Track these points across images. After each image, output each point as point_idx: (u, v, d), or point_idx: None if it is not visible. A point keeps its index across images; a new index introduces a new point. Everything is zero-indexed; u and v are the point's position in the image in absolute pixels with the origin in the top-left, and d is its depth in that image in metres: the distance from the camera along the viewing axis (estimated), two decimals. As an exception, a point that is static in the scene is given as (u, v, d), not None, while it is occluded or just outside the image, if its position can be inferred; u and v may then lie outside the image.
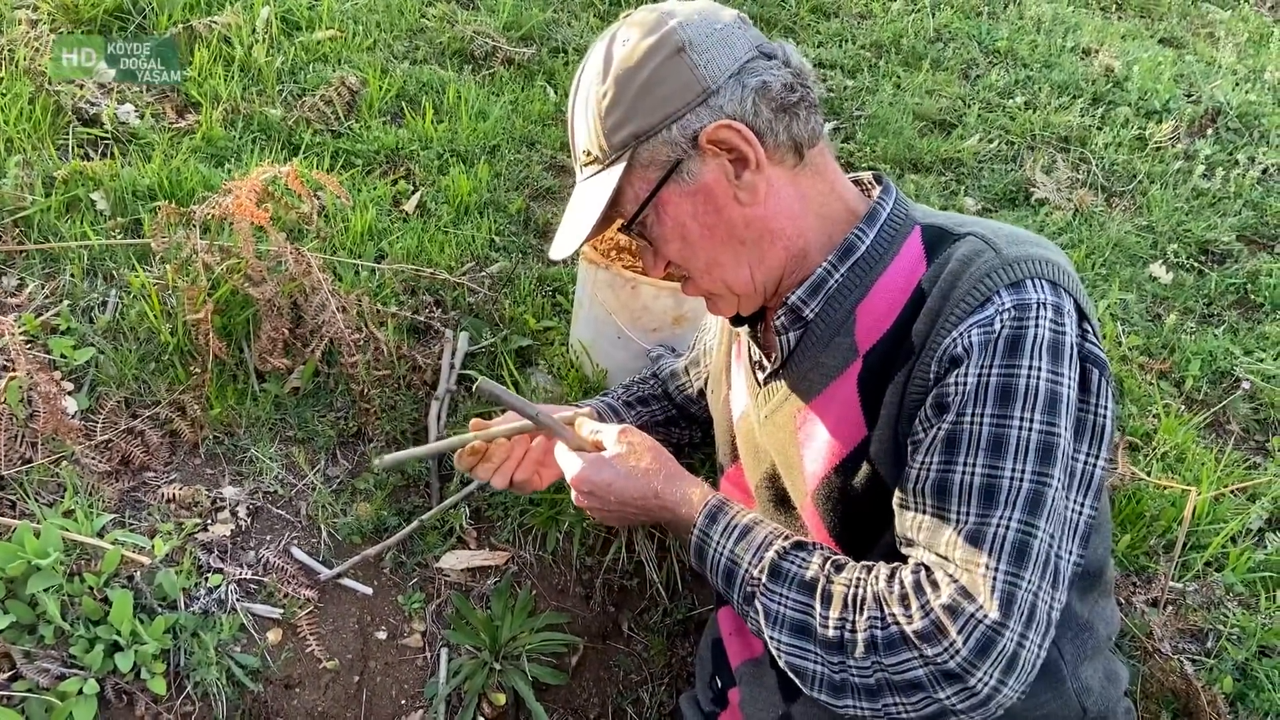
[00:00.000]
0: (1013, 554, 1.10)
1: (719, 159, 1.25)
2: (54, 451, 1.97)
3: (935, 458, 1.16)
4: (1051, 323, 1.15)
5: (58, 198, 2.43)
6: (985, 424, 1.14)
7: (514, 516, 2.13)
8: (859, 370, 1.29)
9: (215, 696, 1.77)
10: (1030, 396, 1.13)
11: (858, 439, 1.29)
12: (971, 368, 1.15)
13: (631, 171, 1.25)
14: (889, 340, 1.26)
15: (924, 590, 1.12)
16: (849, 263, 1.30)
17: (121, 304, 2.26)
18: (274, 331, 2.17)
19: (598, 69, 1.25)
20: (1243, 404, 2.84)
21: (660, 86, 1.21)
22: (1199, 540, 2.32)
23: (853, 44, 4.08)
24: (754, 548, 1.27)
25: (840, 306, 1.31)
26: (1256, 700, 2.00)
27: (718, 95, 1.22)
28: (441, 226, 2.71)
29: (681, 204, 1.27)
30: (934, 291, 1.22)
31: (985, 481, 1.13)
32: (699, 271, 1.34)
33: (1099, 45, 4.41)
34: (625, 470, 1.35)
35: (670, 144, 1.23)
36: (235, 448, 2.13)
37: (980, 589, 1.09)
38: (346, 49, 3.35)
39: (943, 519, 1.15)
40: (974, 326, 1.15)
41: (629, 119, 1.23)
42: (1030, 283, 1.17)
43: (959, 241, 1.25)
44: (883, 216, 1.32)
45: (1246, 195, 3.63)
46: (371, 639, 2.01)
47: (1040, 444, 1.13)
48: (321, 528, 2.05)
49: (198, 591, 1.85)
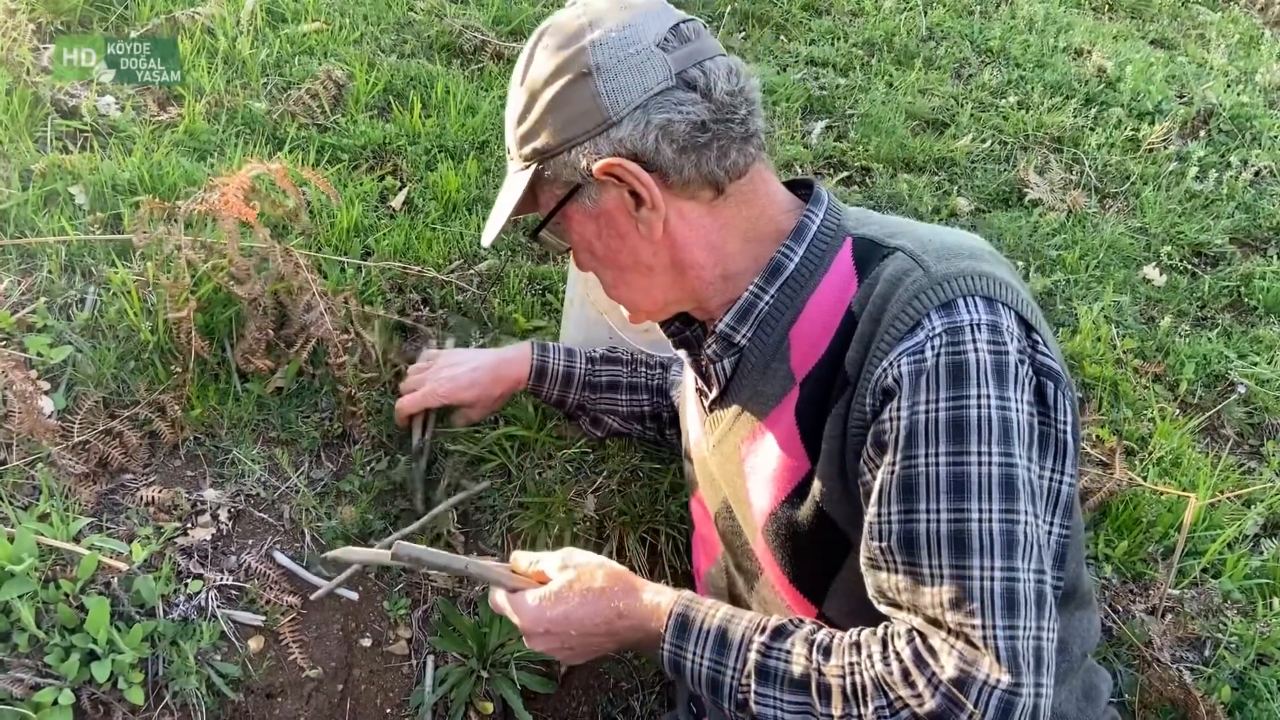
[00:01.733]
0: (1003, 606, 1.04)
1: (619, 189, 1.22)
2: (29, 453, 1.92)
3: (894, 507, 1.09)
4: (989, 344, 1.08)
5: (35, 191, 2.37)
6: (941, 465, 1.07)
7: (503, 520, 2.08)
8: (796, 399, 1.23)
9: (195, 706, 1.72)
10: (983, 428, 1.06)
11: (801, 473, 1.24)
12: (905, 401, 1.08)
13: (540, 181, 1.27)
14: (824, 367, 1.20)
15: (926, 663, 1.05)
16: (777, 283, 1.25)
17: (100, 301, 2.21)
18: (258, 331, 2.12)
19: (520, 73, 1.26)
20: (1237, 408, 2.82)
21: (563, 109, 1.20)
22: (1195, 546, 2.29)
23: (845, 42, 4.05)
24: (734, 651, 1.17)
25: (773, 330, 1.26)
26: (1255, 710, 1.98)
27: (618, 127, 1.19)
28: (429, 223, 2.66)
29: (585, 223, 1.27)
30: (864, 315, 1.16)
31: (953, 528, 1.06)
32: (607, 285, 1.35)
33: (1091, 45, 4.40)
34: (579, 597, 1.24)
35: (570, 167, 1.23)
36: (217, 449, 2.07)
37: (983, 653, 1.03)
38: (333, 42, 3.29)
39: (918, 576, 1.08)
40: (903, 355, 1.09)
41: (535, 134, 1.24)
42: (962, 302, 1.10)
43: (888, 258, 1.19)
44: (811, 231, 1.26)
45: (1239, 198, 3.61)
46: (356, 646, 1.96)
47: (1002, 478, 1.06)
48: (305, 531, 2.00)
49: (177, 598, 1.80)
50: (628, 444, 2.18)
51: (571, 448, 2.18)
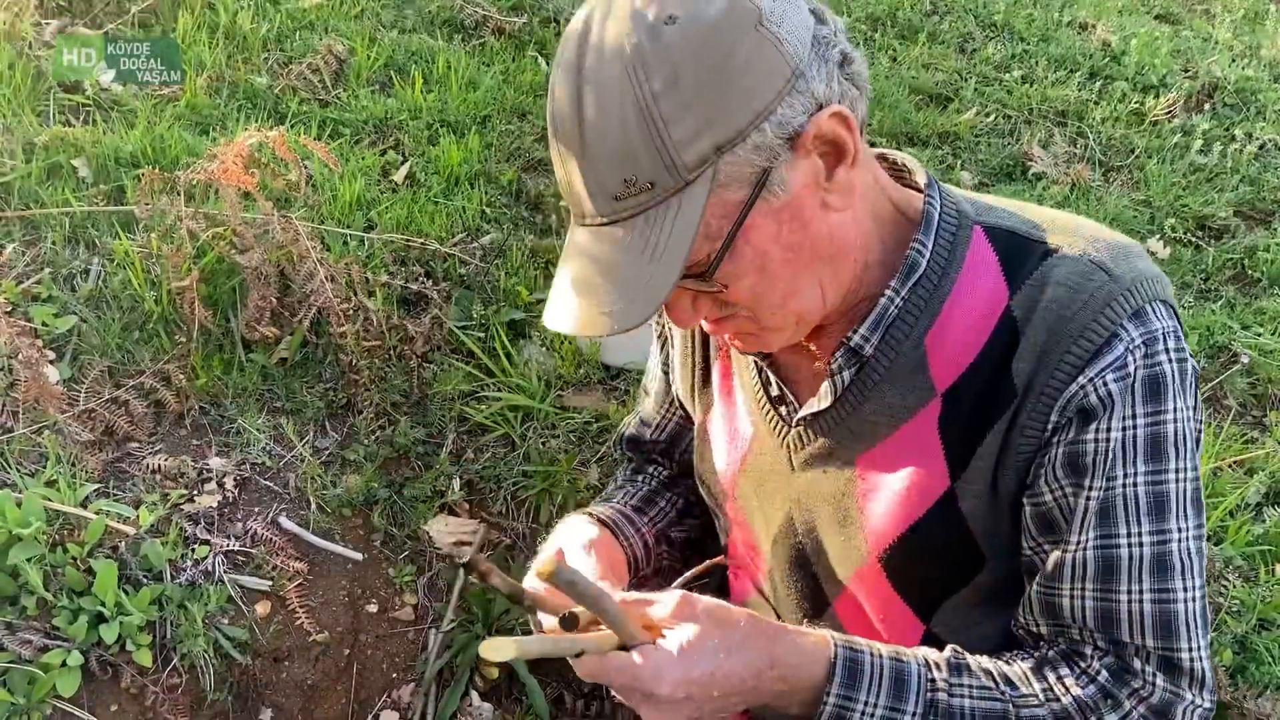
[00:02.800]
0: (1200, 626, 1.01)
1: (811, 158, 0.96)
2: (35, 421, 1.93)
3: (1090, 534, 1.02)
4: (1175, 353, 1.01)
5: (39, 164, 2.37)
6: (1142, 486, 1.00)
7: (506, 489, 2.09)
8: (938, 411, 1.09)
9: (202, 669, 1.74)
10: (1179, 444, 1.01)
11: (940, 490, 1.10)
12: (1115, 421, 1.00)
13: (710, 194, 0.92)
14: (977, 378, 1.06)
15: (1128, 683, 1.02)
16: (910, 283, 1.07)
17: (104, 272, 2.21)
18: (261, 300, 2.13)
19: (631, 55, 0.88)
20: (1240, 379, 2.82)
21: (746, 74, 0.89)
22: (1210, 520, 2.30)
23: (848, 16, 4.03)
24: (913, 695, 1.02)
25: (905, 338, 1.09)
26: (1256, 673, 1.98)
27: (805, 78, 0.92)
28: (431, 197, 2.66)
29: (766, 226, 0.96)
30: (1034, 321, 1.02)
31: (1156, 552, 1.00)
32: (771, 308, 1.03)
33: (1095, 20, 4.38)
34: (724, 644, 0.98)
35: (760, 149, 0.92)
36: (221, 418, 2.08)
37: (1184, 674, 1.01)
38: (333, 16, 3.29)
39: (1113, 601, 1.02)
40: (1108, 370, 0.99)
41: (708, 125, 0.89)
42: (1151, 309, 1.01)
43: (1051, 257, 1.04)
44: (936, 221, 1.08)
45: (1244, 170, 3.60)
46: (362, 612, 1.97)
47: (1194, 492, 1.02)
48: (310, 499, 2.01)
49: (184, 563, 1.81)
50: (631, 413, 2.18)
51: (575, 418, 2.19)
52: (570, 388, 2.25)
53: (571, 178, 0.94)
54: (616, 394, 2.26)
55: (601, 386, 2.29)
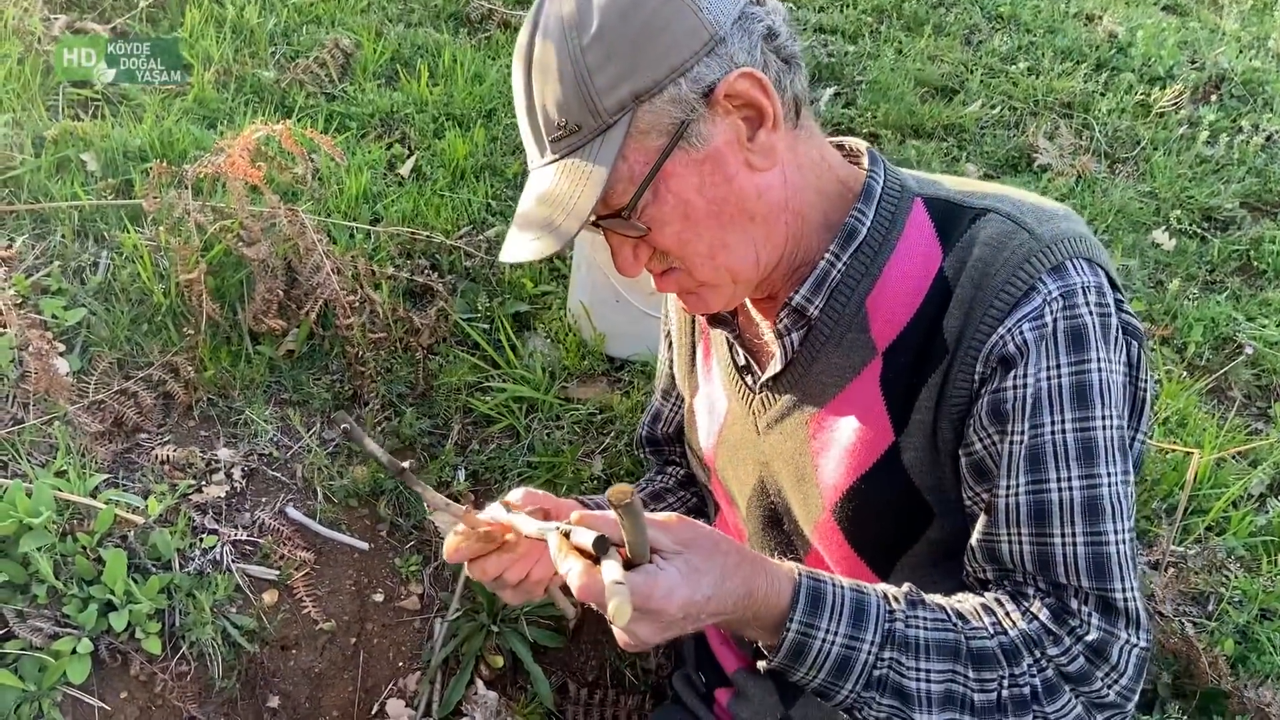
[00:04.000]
0: (1130, 567, 1.06)
1: (730, 117, 1.05)
2: (46, 412, 1.95)
3: (1020, 479, 1.06)
4: (1098, 306, 1.06)
5: (48, 158, 2.39)
6: (1069, 432, 1.05)
7: (511, 479, 2.11)
8: (880, 369, 1.16)
9: (210, 656, 1.76)
10: (1103, 393, 1.05)
11: (884, 445, 1.16)
12: (1030, 368, 1.05)
13: (628, 140, 1.02)
14: (913, 336, 1.13)
15: (1066, 622, 1.06)
16: (850, 249, 1.15)
17: (113, 265, 2.23)
18: (268, 293, 2.15)
19: (569, 18, 1.02)
20: (1245, 370, 2.82)
21: (663, 34, 1.01)
22: (1201, 505, 2.30)
23: (854, 8, 4.03)
24: (871, 624, 1.05)
25: (848, 300, 1.17)
26: (1258, 662, 1.99)
27: (725, 44, 1.03)
28: (437, 190, 2.68)
29: (687, 175, 1.06)
30: (962, 280, 1.09)
31: (1086, 495, 1.05)
32: (700, 258, 1.11)
33: (1102, 11, 4.36)
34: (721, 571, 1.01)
35: (677, 102, 1.02)
36: (229, 410, 2.10)
37: (1119, 614, 1.05)
38: (340, 11, 3.30)
39: (1049, 545, 1.06)
40: (1024, 320, 1.04)
41: (628, 73, 1.01)
42: (1071, 265, 1.06)
43: (979, 220, 1.11)
44: (878, 192, 1.17)
45: (1250, 162, 3.59)
46: (369, 601, 2.00)
47: (1119, 440, 1.06)
48: (317, 490, 2.03)
49: (192, 552, 1.83)
50: (634, 406, 2.20)
51: (579, 410, 2.21)
52: (574, 379, 2.27)
53: (522, 122, 1.08)
54: (620, 385, 2.28)
55: (605, 378, 2.30)
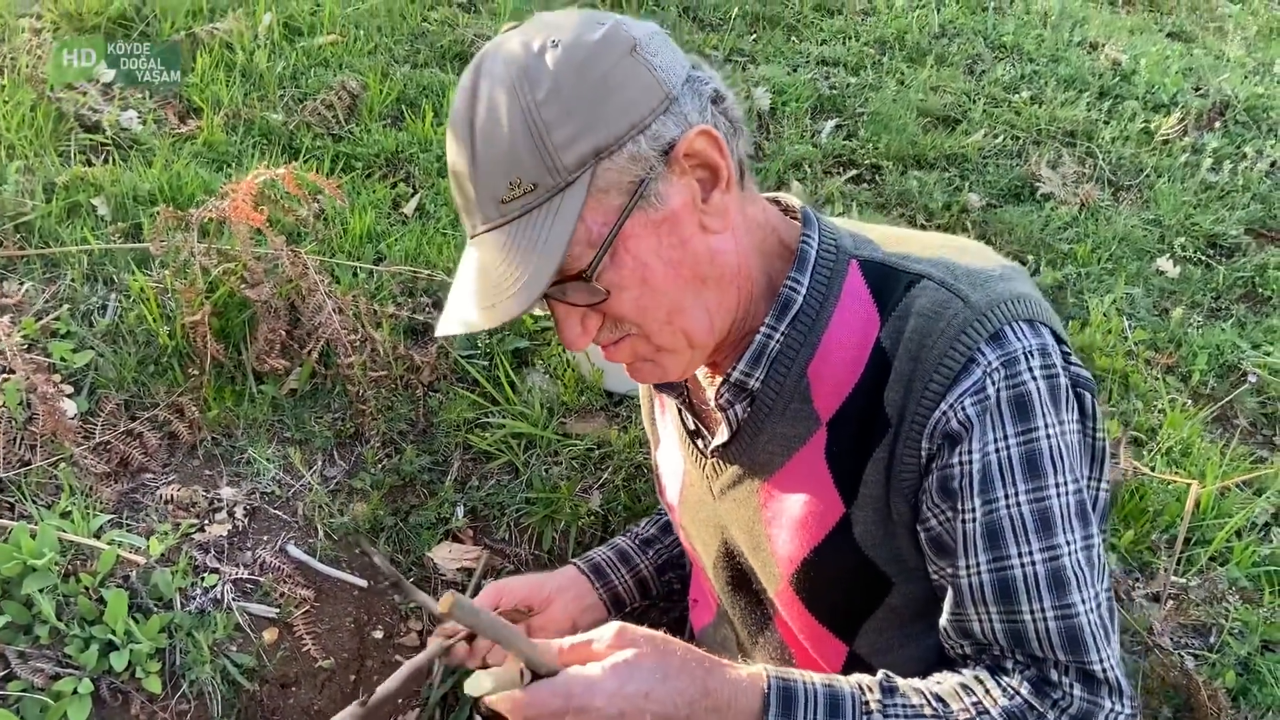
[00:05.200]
0: (1104, 634, 1.05)
1: (686, 178, 1.04)
2: (52, 454, 1.99)
3: (981, 557, 1.05)
4: (1042, 370, 1.04)
5: (59, 203, 2.45)
6: (1024, 505, 1.04)
7: (510, 515, 2.13)
8: (824, 441, 1.15)
9: (210, 695, 1.78)
10: (1056, 459, 1.04)
11: (834, 518, 1.15)
12: (976, 443, 1.03)
13: (588, 199, 0.99)
14: (855, 408, 1.12)
15: (1048, 695, 1.06)
16: (787, 320, 1.14)
17: (121, 307, 2.28)
18: (271, 333, 2.18)
19: (518, 75, 0.98)
20: (1250, 398, 2.81)
21: (621, 90, 0.99)
22: (1204, 535, 2.29)
23: (856, 41, 4.07)
24: (849, 715, 1.06)
25: (788, 370, 1.15)
26: (1259, 695, 1.98)
27: (678, 103, 1.02)
28: (440, 228, 2.72)
29: (645, 237, 1.03)
30: (900, 352, 1.07)
31: (1049, 568, 1.04)
32: (658, 323, 1.08)
33: (1106, 39, 4.39)
34: (659, 670, 1.02)
35: (637, 160, 1.00)
36: (233, 449, 2.14)
37: (1099, 684, 1.05)
38: (348, 53, 3.37)
39: (1019, 622, 1.06)
40: (965, 396, 1.03)
41: (587, 129, 0.98)
42: (1009, 329, 1.04)
43: (914, 287, 1.09)
44: (812, 258, 1.14)
45: (1255, 188, 3.60)
46: (368, 638, 2.01)
47: (1078, 504, 1.05)
48: (319, 527, 2.06)
49: (194, 591, 1.86)
50: (632, 441, 2.22)
51: (577, 445, 2.23)
52: (572, 415, 2.29)
53: (464, 188, 1.03)
54: (618, 420, 2.30)
55: (604, 413, 2.32)
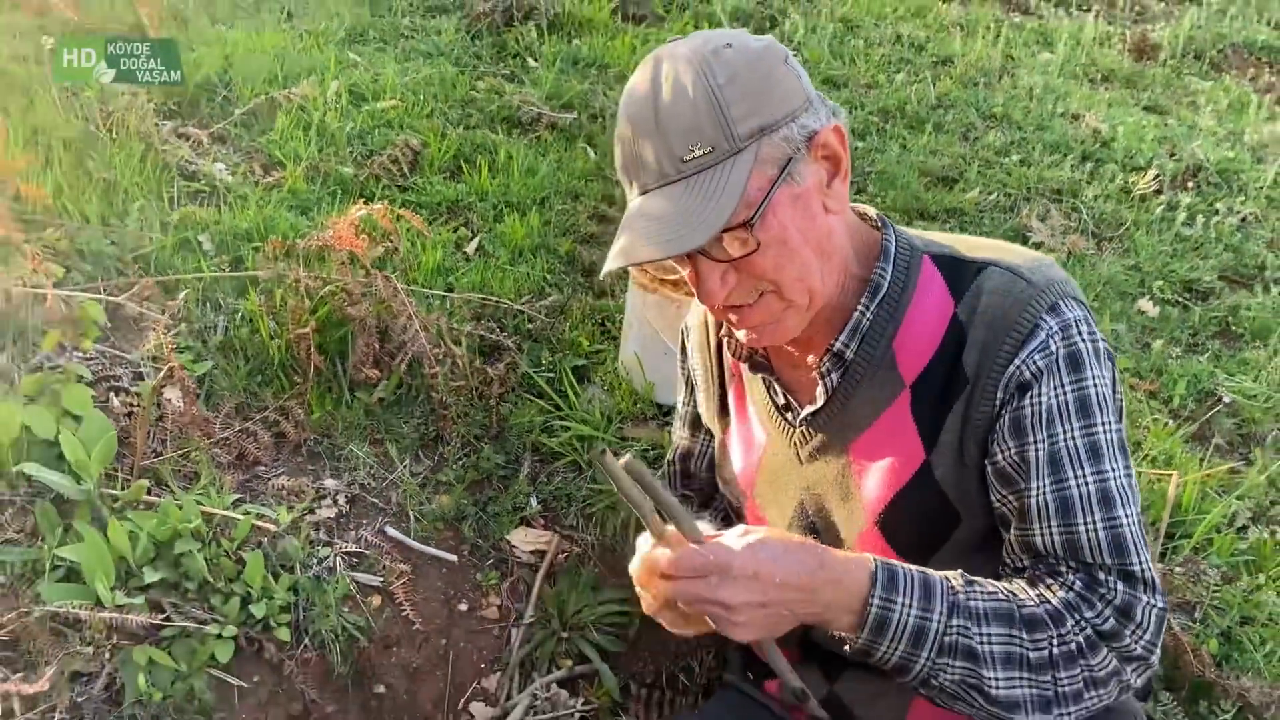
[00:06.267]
0: (1142, 543, 1.30)
1: (818, 164, 1.26)
2: (180, 447, 2.28)
3: (1046, 480, 1.27)
4: (1089, 334, 1.28)
5: (172, 239, 2.78)
6: (1079, 437, 1.26)
7: (576, 505, 2.42)
8: (909, 400, 1.36)
9: (330, 647, 2.05)
10: (1102, 403, 1.27)
11: (917, 463, 1.36)
12: (1044, 389, 1.26)
13: (754, 166, 1.20)
14: (936, 371, 1.34)
15: (1097, 589, 1.26)
16: (876, 300, 1.36)
17: (230, 326, 2.59)
18: (365, 347, 2.50)
19: (701, 63, 1.20)
20: (1227, 419, 3.12)
21: (779, 86, 1.23)
22: (1187, 530, 2.58)
23: (861, 110, 4.47)
24: (938, 598, 1.24)
25: (877, 343, 1.37)
26: (1239, 659, 2.24)
27: (812, 108, 1.26)
28: (500, 265, 3.05)
29: (787, 206, 1.24)
30: (975, 323, 1.31)
31: (1099, 488, 1.25)
32: (790, 280, 1.27)
33: (1086, 110, 4.80)
34: (782, 545, 1.21)
35: (789, 141, 1.23)
36: (333, 447, 2.43)
37: (1139, 581, 1.28)
38: (407, 116, 3.74)
39: (1075, 532, 1.26)
40: (1035, 353, 1.26)
41: (756, 110, 1.20)
42: (1063, 304, 1.29)
43: (983, 273, 1.34)
44: (893, 252, 1.39)
45: (1226, 240, 3.96)
46: (455, 610, 2.28)
47: (1119, 440, 1.28)
48: (410, 514, 2.34)
49: (310, 561, 2.14)
50: (682, 443, 2.52)
51: (633, 447, 2.53)
52: (628, 421, 2.59)
53: (643, 151, 1.23)
54: (669, 426, 2.60)
55: (655, 420, 2.62)
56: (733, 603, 1.18)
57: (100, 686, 1.86)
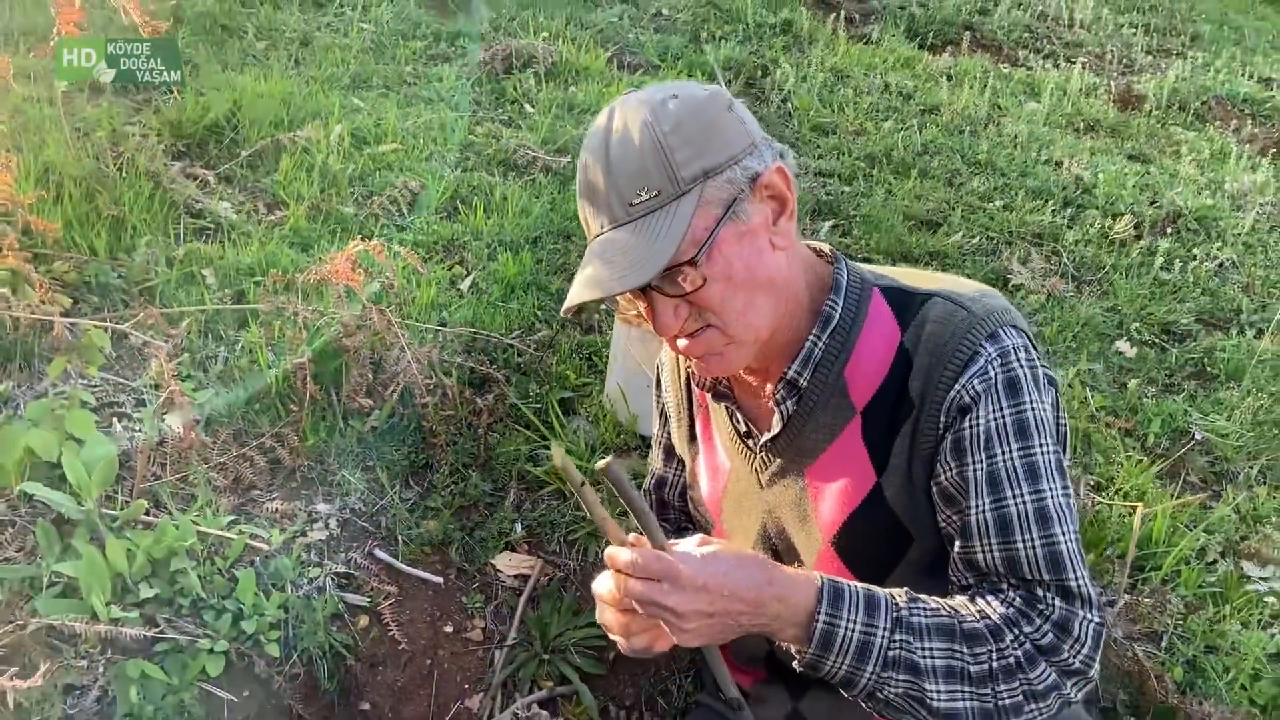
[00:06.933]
0: (1079, 559, 1.36)
1: (763, 204, 1.34)
2: (178, 470, 2.37)
3: (985, 499, 1.33)
4: (1027, 361, 1.35)
5: (176, 273, 2.89)
6: (1017, 458, 1.32)
7: (560, 531, 2.50)
8: (859, 425, 1.43)
9: (317, 664, 2.12)
10: (1040, 426, 1.34)
11: (869, 485, 1.43)
12: (983, 412, 1.33)
13: (698, 207, 1.28)
14: (885, 397, 1.41)
15: (1035, 606, 1.32)
16: (828, 331, 1.43)
17: (230, 357, 2.69)
18: (359, 377, 2.59)
19: (648, 115, 1.29)
20: (1200, 456, 3.20)
21: (722, 132, 1.31)
22: (1156, 563, 2.65)
23: (849, 156, 4.61)
24: (881, 613, 1.31)
25: (829, 372, 1.44)
26: (1203, 685, 2.31)
27: (757, 150, 1.34)
28: (492, 301, 3.15)
29: (733, 243, 1.31)
30: (919, 350, 1.38)
31: (1037, 507, 1.32)
32: (735, 313, 1.34)
33: (1069, 158, 4.94)
34: (734, 560, 1.28)
35: (732, 183, 1.30)
36: (326, 472, 2.52)
37: (1075, 597, 1.31)
38: (407, 159, 3.88)
39: (1013, 550, 1.32)
40: (974, 378, 1.33)
41: (699, 155, 1.28)
42: (1002, 331, 1.35)
43: (927, 304, 1.41)
44: (844, 285, 1.45)
45: (1204, 284, 4.06)
46: (440, 631, 2.35)
47: (1056, 462, 1.34)
48: (399, 537, 2.42)
49: (300, 581, 2.22)
50: (664, 472, 2.60)
51: (617, 475, 2.61)
52: (611, 451, 2.68)
53: (596, 196, 1.32)
54: (651, 456, 2.68)
55: (637, 451, 2.71)
56: (681, 610, 1.25)
57: (92, 699, 1.93)
